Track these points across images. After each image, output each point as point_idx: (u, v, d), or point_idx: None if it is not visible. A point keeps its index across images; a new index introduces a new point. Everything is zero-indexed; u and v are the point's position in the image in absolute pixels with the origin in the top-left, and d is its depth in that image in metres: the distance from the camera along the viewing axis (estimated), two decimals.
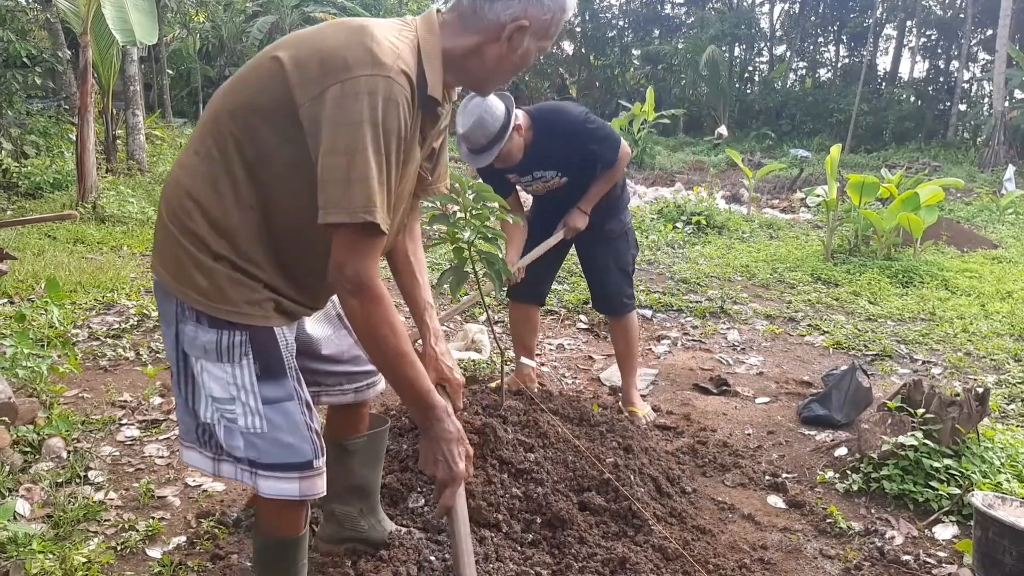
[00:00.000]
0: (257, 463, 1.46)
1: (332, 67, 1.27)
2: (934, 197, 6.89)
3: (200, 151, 1.39)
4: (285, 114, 1.31)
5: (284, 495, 1.46)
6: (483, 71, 1.46)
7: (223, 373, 1.42)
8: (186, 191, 1.38)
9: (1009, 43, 18.14)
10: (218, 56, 21.89)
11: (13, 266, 4.80)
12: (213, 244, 1.37)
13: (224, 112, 1.37)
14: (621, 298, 3.18)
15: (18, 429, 2.60)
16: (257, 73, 1.36)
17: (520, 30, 1.40)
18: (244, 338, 1.40)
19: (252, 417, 1.43)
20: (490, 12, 1.39)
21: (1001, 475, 2.50)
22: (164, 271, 1.42)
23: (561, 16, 1.44)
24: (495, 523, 2.12)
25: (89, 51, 7.76)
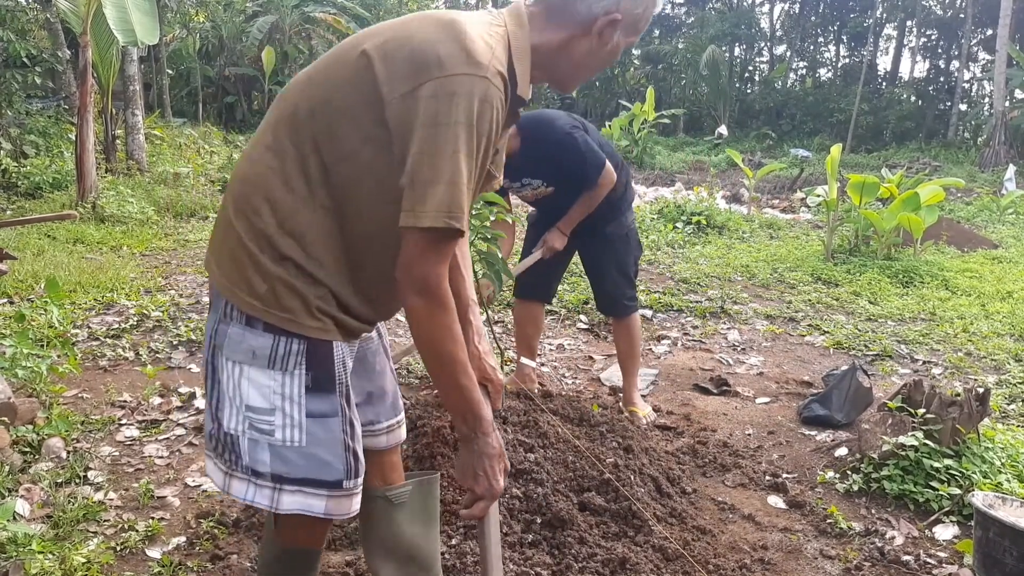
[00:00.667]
0: (285, 478, 1.37)
1: (423, 63, 1.21)
2: (934, 197, 6.89)
3: (273, 146, 1.32)
4: (370, 113, 1.25)
5: (307, 511, 1.38)
6: (570, 67, 1.40)
7: (270, 381, 1.34)
8: (255, 188, 1.32)
9: (1009, 43, 18.15)
10: (218, 56, 21.88)
11: (13, 266, 4.80)
12: (280, 243, 1.29)
13: (303, 109, 1.31)
14: (622, 300, 3.17)
15: (18, 429, 2.59)
16: (342, 69, 1.29)
17: (612, 24, 1.34)
18: (302, 348, 1.33)
19: (292, 430, 1.35)
20: (581, 5, 1.34)
21: (1001, 475, 2.50)
22: (219, 270, 1.35)
23: (651, 10, 1.39)
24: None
25: (89, 51, 7.76)
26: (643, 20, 1.39)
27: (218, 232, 1.38)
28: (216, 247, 1.38)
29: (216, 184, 10.21)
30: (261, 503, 1.39)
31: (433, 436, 2.37)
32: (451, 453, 2.30)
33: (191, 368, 3.57)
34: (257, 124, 9.16)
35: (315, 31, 22.99)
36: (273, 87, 21.77)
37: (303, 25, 22.54)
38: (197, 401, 3.15)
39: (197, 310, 4.50)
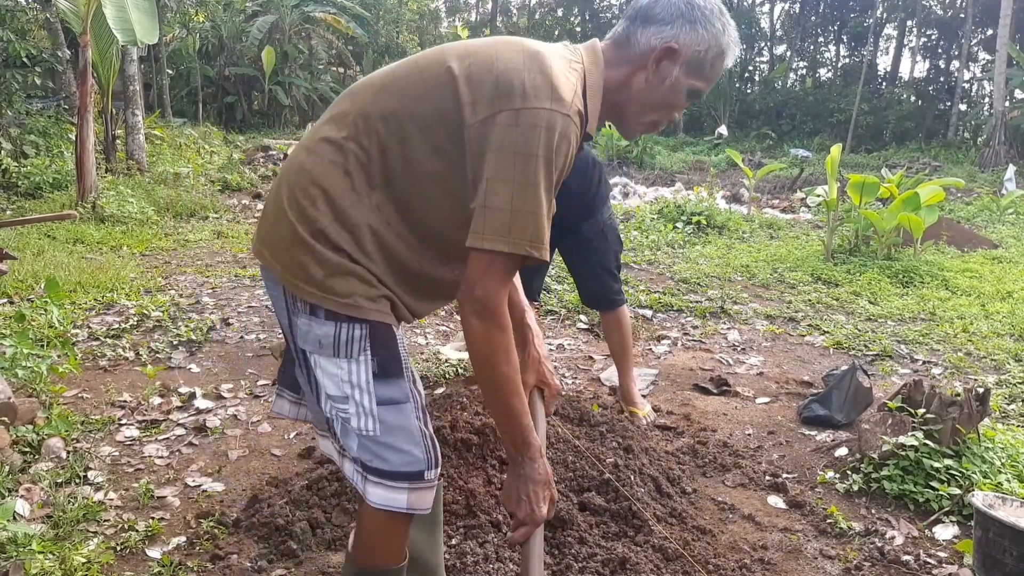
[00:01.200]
0: (368, 467, 1.37)
1: (507, 91, 1.24)
2: (934, 197, 6.89)
3: (337, 141, 1.33)
4: (447, 128, 1.27)
5: (391, 506, 1.36)
6: (629, 103, 1.40)
7: (337, 369, 1.35)
8: (313, 178, 1.32)
9: (1009, 43, 18.14)
10: (218, 56, 21.88)
11: (13, 266, 4.80)
12: (334, 235, 1.31)
13: (376, 113, 1.32)
14: (607, 294, 3.15)
15: (18, 429, 2.59)
16: (424, 81, 1.31)
17: (669, 54, 1.34)
18: (364, 332, 1.33)
19: (365, 418, 1.35)
20: (642, 37, 1.35)
21: (1001, 475, 2.50)
22: (274, 260, 1.36)
23: (717, 54, 1.36)
24: (495, 523, 2.12)
25: (89, 51, 7.76)
26: (708, 63, 1.36)
27: (270, 222, 1.38)
28: (268, 236, 1.38)
29: (216, 184, 10.21)
30: (358, 487, 1.40)
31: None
32: (451, 453, 2.30)
33: (191, 368, 3.57)
34: (257, 124, 9.37)
35: (315, 31, 23.00)
36: (273, 87, 21.78)
37: (303, 25, 22.54)
38: (197, 401, 3.15)
39: (197, 310, 4.50)
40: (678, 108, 1.42)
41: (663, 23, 1.34)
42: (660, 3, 1.36)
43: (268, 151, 12.59)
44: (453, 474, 2.25)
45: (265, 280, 1.44)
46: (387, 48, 25.37)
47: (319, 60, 24.13)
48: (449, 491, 2.19)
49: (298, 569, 2.01)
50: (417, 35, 27.72)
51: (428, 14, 30.80)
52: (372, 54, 25.37)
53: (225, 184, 10.43)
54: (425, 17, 30.17)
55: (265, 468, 2.61)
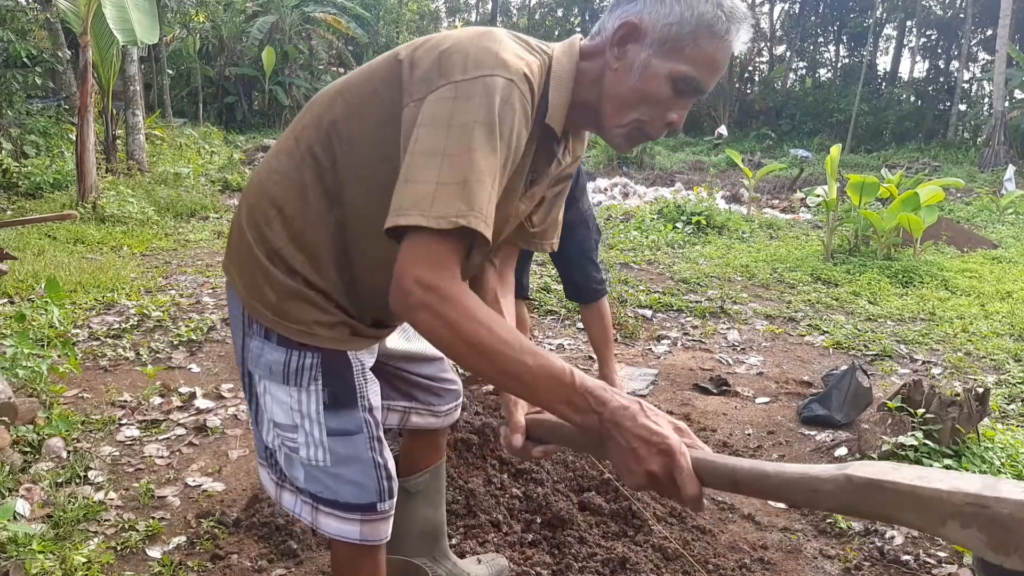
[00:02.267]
0: (318, 497, 1.33)
1: (447, 67, 1.07)
2: (934, 197, 6.89)
3: (294, 155, 1.23)
4: (389, 127, 1.12)
5: (343, 536, 1.33)
6: (603, 100, 1.17)
7: (287, 398, 1.28)
8: (270, 197, 1.23)
9: (1009, 43, 18.15)
10: (218, 56, 21.89)
11: (13, 266, 4.81)
12: (289, 258, 1.22)
13: (328, 119, 1.20)
14: (591, 284, 3.16)
15: (18, 429, 2.60)
16: (372, 79, 1.17)
17: (632, 31, 1.11)
18: (315, 361, 1.25)
19: (315, 449, 1.29)
20: (608, 22, 1.16)
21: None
22: (237, 276, 1.29)
23: (702, 29, 1.10)
24: (495, 523, 2.13)
25: (89, 51, 7.76)
26: (688, 39, 1.10)
27: (232, 237, 1.32)
28: (232, 252, 1.32)
29: (216, 184, 10.21)
30: (305, 518, 1.35)
31: None
32: (451, 453, 2.30)
33: (191, 368, 3.58)
34: (257, 124, 9.38)
35: (315, 31, 23.00)
36: (273, 87, 21.79)
37: (303, 25, 22.55)
38: (197, 401, 3.15)
39: (197, 310, 4.50)
40: (664, 104, 1.14)
41: (628, 1, 1.14)
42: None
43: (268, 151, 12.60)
44: (453, 474, 2.25)
45: (228, 296, 1.36)
46: (387, 48, 25.33)
47: (319, 60, 24.13)
48: (449, 491, 2.20)
49: (298, 569, 2.01)
50: (417, 35, 27.71)
51: (428, 14, 30.80)
52: (372, 54, 25.37)
53: (225, 184, 10.43)
54: (425, 17, 30.18)
55: None
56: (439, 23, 33.00)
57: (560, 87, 1.16)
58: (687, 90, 1.14)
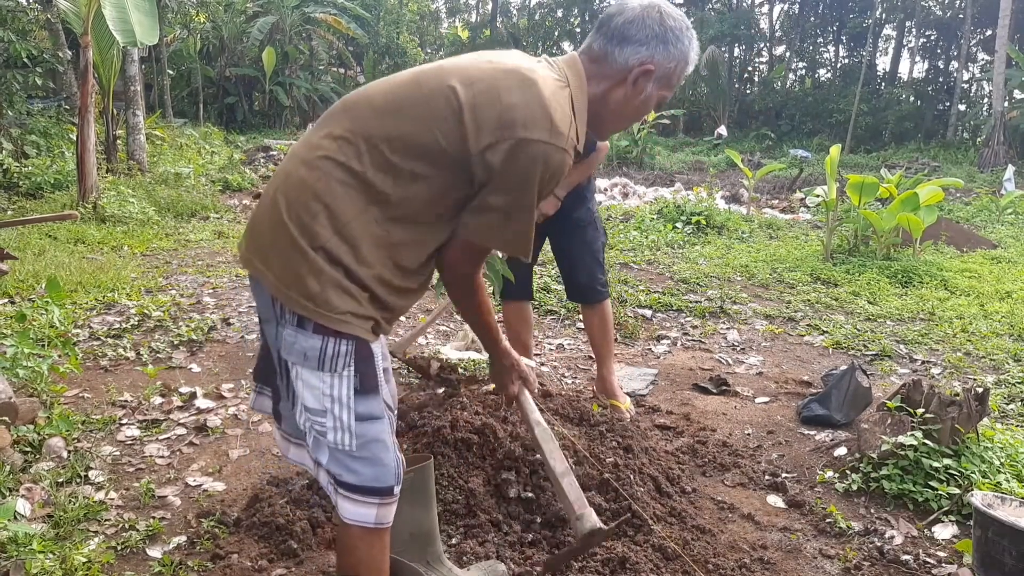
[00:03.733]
0: (339, 481, 1.42)
1: (510, 122, 1.32)
2: (933, 197, 6.89)
3: (339, 159, 1.36)
4: (451, 153, 1.34)
5: (360, 521, 1.43)
6: (606, 115, 1.51)
7: (320, 383, 1.39)
8: (315, 194, 1.35)
9: (1008, 43, 18.15)
10: (218, 56, 21.89)
11: (14, 266, 4.81)
12: (334, 248, 1.35)
13: (380, 135, 1.36)
14: (595, 285, 3.18)
15: (18, 429, 2.60)
16: (429, 108, 1.36)
17: (646, 74, 1.45)
18: (350, 348, 1.38)
19: (342, 433, 1.40)
20: (619, 56, 1.45)
21: (1000, 475, 2.50)
22: (268, 271, 1.39)
23: (684, 67, 1.49)
24: (495, 522, 2.13)
25: (90, 51, 7.76)
26: (676, 75, 1.49)
27: (266, 233, 1.40)
28: (261, 246, 1.41)
29: (216, 184, 10.21)
30: (332, 497, 1.47)
31: (433, 436, 2.37)
32: (451, 452, 2.31)
33: (192, 368, 3.58)
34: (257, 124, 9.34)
35: (315, 31, 23.00)
36: (273, 87, 21.79)
37: (303, 25, 22.55)
38: (198, 401, 3.16)
39: (198, 310, 4.50)
40: (647, 114, 1.58)
41: (639, 44, 1.44)
42: (635, 24, 1.44)
43: (268, 151, 12.60)
44: (453, 473, 2.25)
45: (253, 288, 1.49)
46: (387, 48, 25.37)
47: (319, 61, 24.14)
48: (449, 491, 2.20)
49: (298, 569, 2.01)
50: (417, 36, 27.72)
51: (428, 15, 30.80)
52: (372, 55, 25.37)
53: (226, 184, 10.44)
54: (425, 18, 30.18)
55: (266, 467, 2.62)
56: (439, 23, 33.00)
57: (582, 117, 1.46)
58: (662, 103, 1.57)
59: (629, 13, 1.45)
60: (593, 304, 3.20)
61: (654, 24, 1.44)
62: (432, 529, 1.83)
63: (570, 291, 3.30)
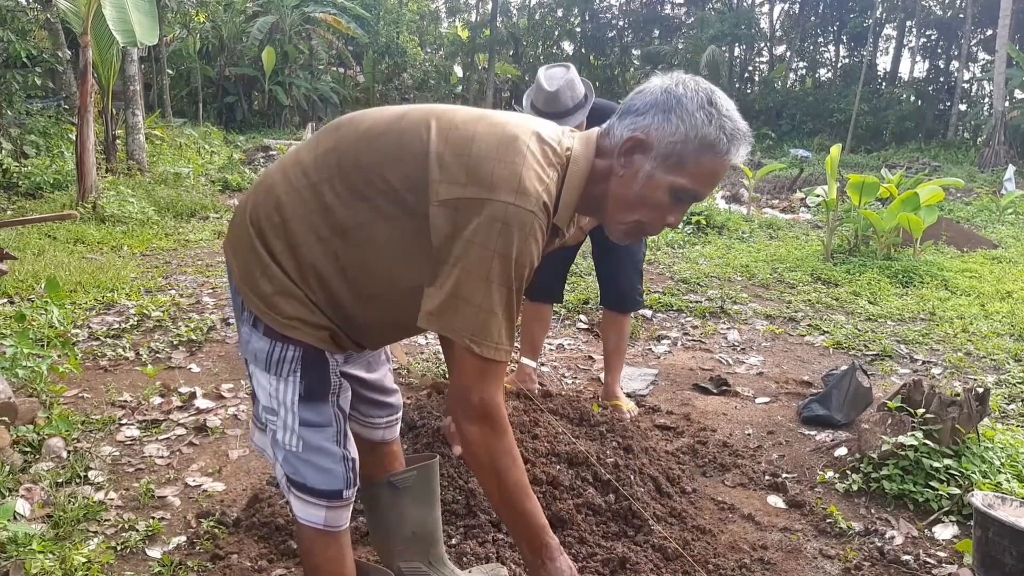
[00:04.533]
0: (290, 479, 1.43)
1: (474, 178, 1.19)
2: (934, 197, 6.89)
3: (312, 178, 1.30)
4: (408, 197, 1.23)
5: (309, 521, 1.43)
6: (607, 197, 1.30)
7: (268, 384, 1.39)
8: (278, 205, 1.32)
9: (1009, 43, 18.15)
10: (218, 56, 21.89)
11: (13, 266, 4.81)
12: (284, 262, 1.31)
13: (351, 161, 1.28)
14: (633, 295, 3.20)
15: (18, 429, 2.60)
16: (401, 146, 1.26)
17: (637, 145, 1.24)
18: (296, 355, 1.35)
19: (288, 434, 1.40)
20: (618, 130, 1.28)
21: (1001, 475, 2.50)
22: (235, 262, 1.38)
23: (703, 149, 1.22)
24: (495, 523, 2.12)
25: (89, 51, 7.76)
26: (689, 157, 1.23)
27: (235, 224, 1.41)
28: (232, 238, 1.41)
29: (216, 184, 10.22)
30: (286, 495, 1.47)
31: (433, 436, 2.37)
32: (451, 453, 2.30)
33: (191, 368, 3.58)
34: (257, 124, 9.35)
35: (315, 31, 23.01)
36: (273, 87, 21.79)
37: (303, 25, 22.56)
38: (197, 401, 3.15)
39: (197, 310, 4.50)
40: (663, 210, 1.28)
41: (637, 114, 1.26)
42: (642, 94, 1.28)
43: (268, 151, 12.60)
44: (453, 473, 2.25)
45: (228, 276, 1.46)
46: (387, 48, 25.36)
47: (319, 60, 24.14)
48: (449, 491, 2.20)
49: (298, 569, 2.01)
50: (417, 35, 27.72)
51: (428, 14, 30.80)
52: (372, 54, 25.37)
53: (225, 184, 10.43)
54: (425, 17, 30.19)
55: (265, 468, 2.61)
56: (439, 23, 32.99)
57: (571, 189, 1.28)
58: (685, 199, 1.28)
59: (646, 86, 1.30)
60: (626, 312, 3.23)
61: (658, 92, 1.26)
62: (435, 529, 1.82)
63: (607, 297, 3.27)
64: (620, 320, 3.23)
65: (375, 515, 1.79)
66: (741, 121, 1.25)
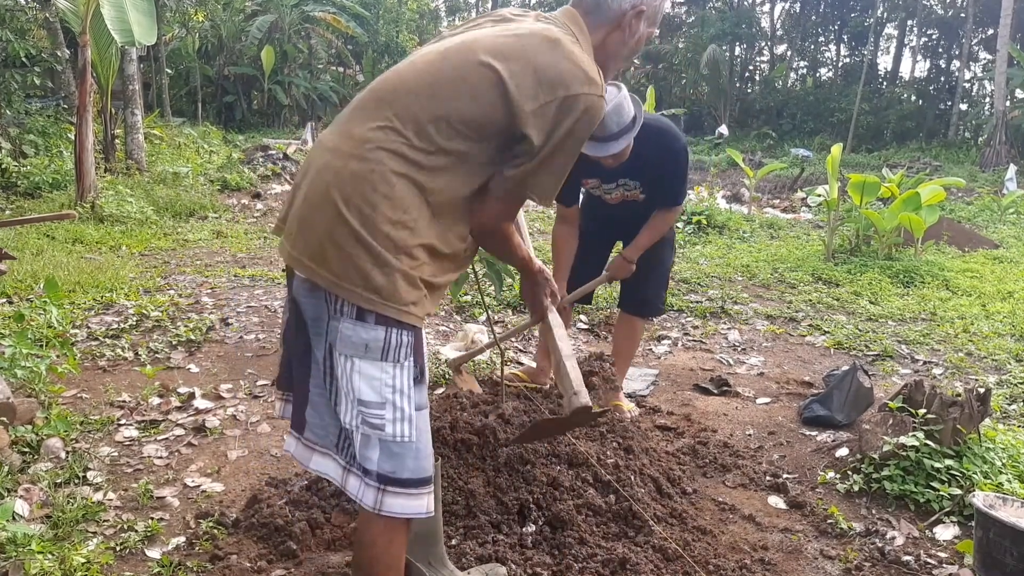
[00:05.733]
0: (390, 478, 1.41)
1: (550, 82, 1.40)
2: (935, 197, 6.89)
3: (392, 148, 1.38)
4: (499, 122, 1.40)
5: (412, 513, 1.43)
6: (607, 61, 1.58)
7: (381, 373, 1.39)
8: (373, 185, 1.36)
9: (1010, 42, 18.14)
10: (217, 55, 21.87)
11: (12, 266, 4.80)
12: (396, 236, 1.36)
13: (428, 119, 1.39)
14: (656, 303, 3.21)
15: (17, 429, 2.59)
16: (469, 85, 1.40)
17: (638, 16, 1.57)
18: (411, 339, 1.40)
19: (402, 424, 1.40)
20: (613, 3, 1.55)
21: (1002, 475, 2.49)
22: (321, 268, 1.37)
23: (662, 3, 1.62)
24: (495, 523, 2.12)
25: (88, 50, 7.75)
26: (660, 12, 1.63)
27: (319, 229, 1.38)
28: (316, 244, 1.38)
29: (215, 184, 10.20)
30: (366, 503, 1.43)
31: (433, 436, 2.36)
32: (451, 453, 2.30)
33: (190, 368, 3.57)
34: (256, 123, 9.32)
35: (314, 30, 22.99)
36: (272, 86, 21.77)
37: (302, 24, 22.54)
38: (196, 401, 3.14)
39: (196, 310, 4.49)
40: (639, 52, 1.65)
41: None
42: None
43: (267, 150, 12.57)
44: (453, 474, 2.24)
45: (298, 289, 1.46)
46: (387, 47, 25.35)
47: (319, 59, 24.12)
48: (449, 491, 2.19)
49: (297, 569, 2.00)
50: (417, 34, 27.69)
51: (428, 13, 30.77)
52: (371, 53, 25.35)
53: (224, 184, 10.42)
54: (425, 16, 30.15)
55: (264, 468, 2.61)
56: (438, 22, 32.95)
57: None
58: (649, 40, 1.68)
59: None
60: (643, 318, 3.25)
61: None
62: (436, 530, 1.83)
63: (628, 301, 3.23)
64: (636, 324, 3.23)
65: None
66: None
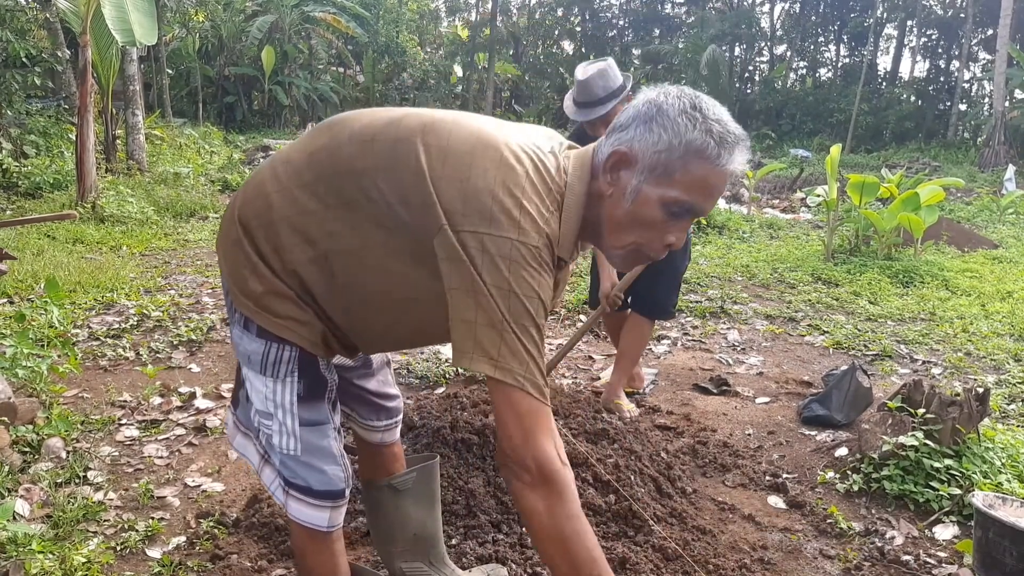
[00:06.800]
0: (290, 482, 1.41)
1: (474, 208, 1.12)
2: (934, 197, 6.89)
3: (304, 177, 1.25)
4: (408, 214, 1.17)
5: (312, 523, 1.41)
6: (602, 220, 1.22)
7: (264, 387, 1.34)
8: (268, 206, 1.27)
9: (1010, 43, 18.15)
10: (218, 55, 21.88)
11: (13, 266, 4.80)
12: (272, 262, 1.27)
13: (346, 166, 1.22)
14: (668, 306, 3.23)
15: (17, 429, 2.59)
16: (395, 151, 1.20)
17: (621, 159, 1.18)
18: (293, 355, 1.31)
19: (287, 438, 1.36)
20: (605, 147, 1.21)
21: (1002, 475, 2.50)
22: (224, 261, 1.35)
23: (691, 155, 1.14)
24: (495, 523, 2.12)
25: (88, 51, 7.76)
26: (677, 166, 1.15)
27: (224, 224, 1.39)
28: (222, 237, 1.38)
29: (216, 184, 10.21)
30: (277, 499, 1.44)
31: (433, 436, 2.37)
32: (451, 453, 2.30)
33: (191, 368, 3.57)
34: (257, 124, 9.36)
35: (315, 30, 23.00)
36: (273, 87, 21.78)
37: (303, 24, 22.55)
38: (197, 401, 3.15)
39: (197, 310, 4.50)
40: (658, 228, 1.19)
41: (621, 129, 1.20)
42: (627, 110, 1.21)
43: (268, 151, 12.58)
44: (453, 474, 2.25)
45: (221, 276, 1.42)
46: (387, 47, 25.36)
47: (319, 60, 24.13)
48: (449, 491, 2.19)
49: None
50: (417, 35, 27.70)
51: (428, 14, 30.77)
52: (372, 54, 25.36)
53: (225, 184, 10.43)
54: (425, 17, 30.16)
55: None
56: (439, 23, 32.96)
57: (570, 220, 1.20)
58: (680, 212, 1.18)
59: (633, 101, 1.22)
60: (654, 320, 3.27)
61: (640, 104, 1.18)
62: (436, 530, 1.82)
63: (640, 302, 3.25)
64: (644, 325, 3.24)
65: (377, 517, 1.78)
66: (733, 124, 1.16)
